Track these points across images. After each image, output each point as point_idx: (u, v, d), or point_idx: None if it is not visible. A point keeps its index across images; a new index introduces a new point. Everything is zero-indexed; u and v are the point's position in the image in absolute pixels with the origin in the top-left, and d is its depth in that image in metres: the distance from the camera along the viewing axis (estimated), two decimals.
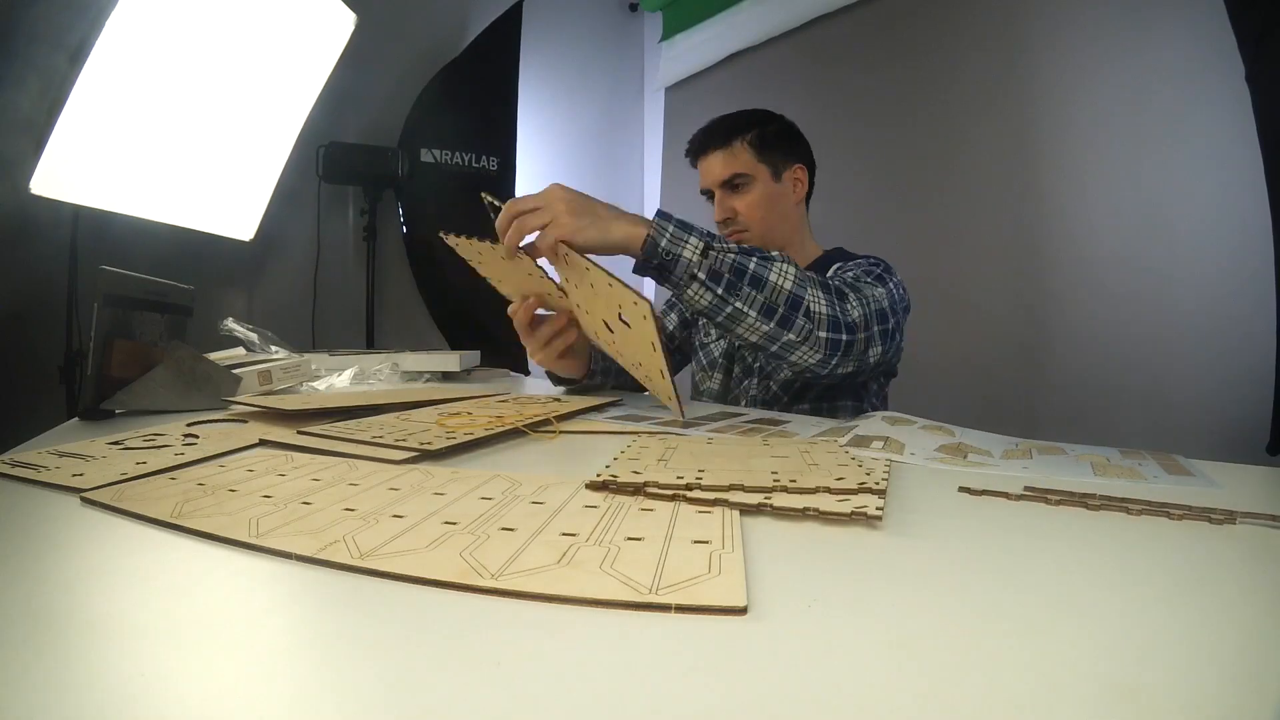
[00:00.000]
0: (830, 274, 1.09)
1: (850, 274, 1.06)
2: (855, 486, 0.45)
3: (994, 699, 0.23)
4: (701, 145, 1.27)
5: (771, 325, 0.83)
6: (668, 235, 0.81)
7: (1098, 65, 1.80)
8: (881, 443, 0.67)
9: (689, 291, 0.82)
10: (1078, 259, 1.86)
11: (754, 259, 0.82)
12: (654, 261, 0.81)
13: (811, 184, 1.30)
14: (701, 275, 0.81)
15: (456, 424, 0.70)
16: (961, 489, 0.49)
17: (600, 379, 1.16)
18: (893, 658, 0.25)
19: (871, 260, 1.13)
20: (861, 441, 0.68)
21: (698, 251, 0.81)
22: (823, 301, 0.85)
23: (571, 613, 0.29)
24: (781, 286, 0.83)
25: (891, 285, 1.00)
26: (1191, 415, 1.61)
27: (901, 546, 0.38)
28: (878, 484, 0.46)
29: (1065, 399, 1.85)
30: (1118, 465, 0.58)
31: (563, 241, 0.78)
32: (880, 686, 0.23)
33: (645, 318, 0.74)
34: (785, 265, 0.84)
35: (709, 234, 0.84)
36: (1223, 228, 1.59)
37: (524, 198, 0.82)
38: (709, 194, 1.30)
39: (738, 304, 0.82)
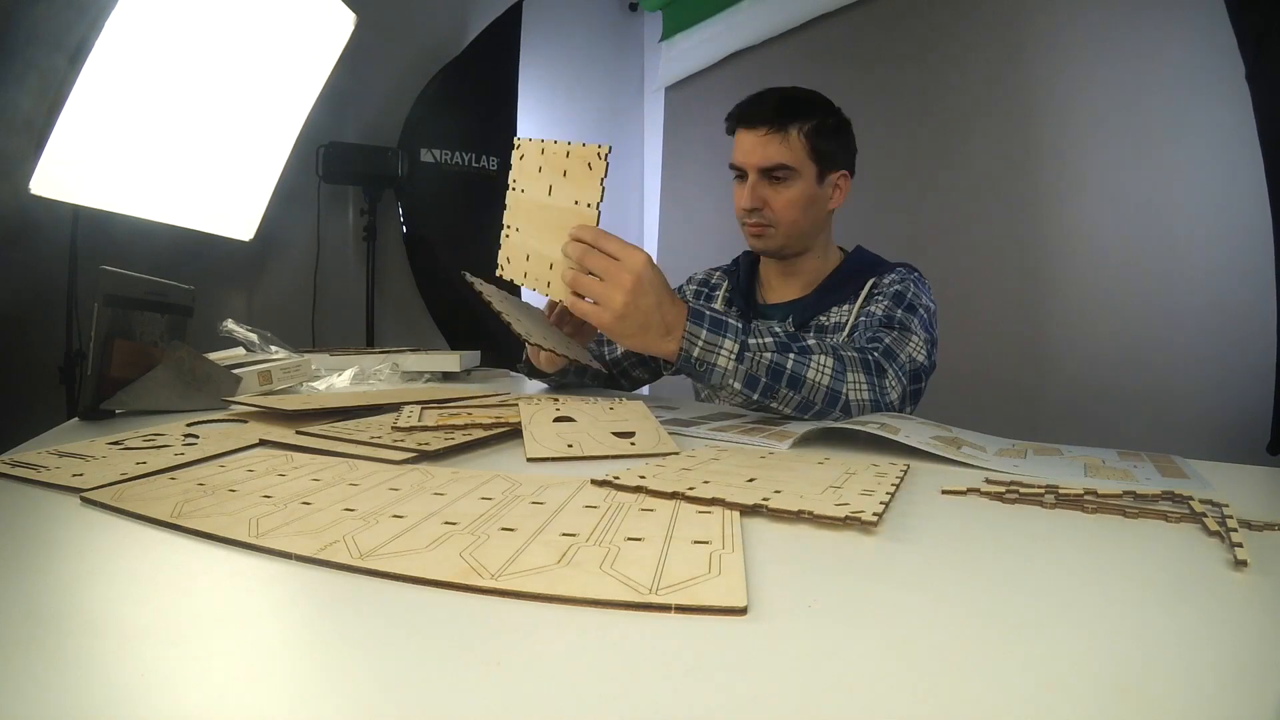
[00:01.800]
0: (864, 326, 1.04)
1: (882, 314, 1.03)
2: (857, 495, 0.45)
3: (993, 700, 0.23)
4: (752, 117, 1.12)
5: (808, 416, 0.84)
6: (699, 346, 0.79)
7: (1097, 65, 1.80)
8: (878, 426, 0.67)
9: (724, 393, 0.83)
10: (1078, 258, 1.86)
11: (791, 356, 0.81)
12: (689, 369, 0.81)
13: (850, 179, 1.19)
14: (737, 385, 0.80)
15: (439, 426, 0.70)
16: (945, 491, 0.49)
17: (574, 377, 1.21)
18: (893, 659, 0.25)
19: (905, 274, 1.10)
20: (858, 423, 0.68)
21: (732, 358, 0.79)
22: (864, 387, 0.86)
23: (572, 613, 0.29)
24: (819, 384, 0.82)
25: (923, 312, 1.04)
26: (1192, 415, 1.61)
27: (901, 548, 0.38)
28: (881, 500, 0.44)
29: (1065, 399, 1.85)
30: (1111, 467, 0.58)
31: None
32: (880, 687, 0.23)
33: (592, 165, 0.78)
34: (823, 358, 0.83)
35: (743, 329, 0.81)
36: (1223, 227, 1.59)
37: (610, 246, 0.76)
38: (739, 171, 1.14)
39: (774, 404, 0.82)
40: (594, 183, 0.78)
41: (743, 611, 0.28)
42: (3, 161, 1.50)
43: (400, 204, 2.65)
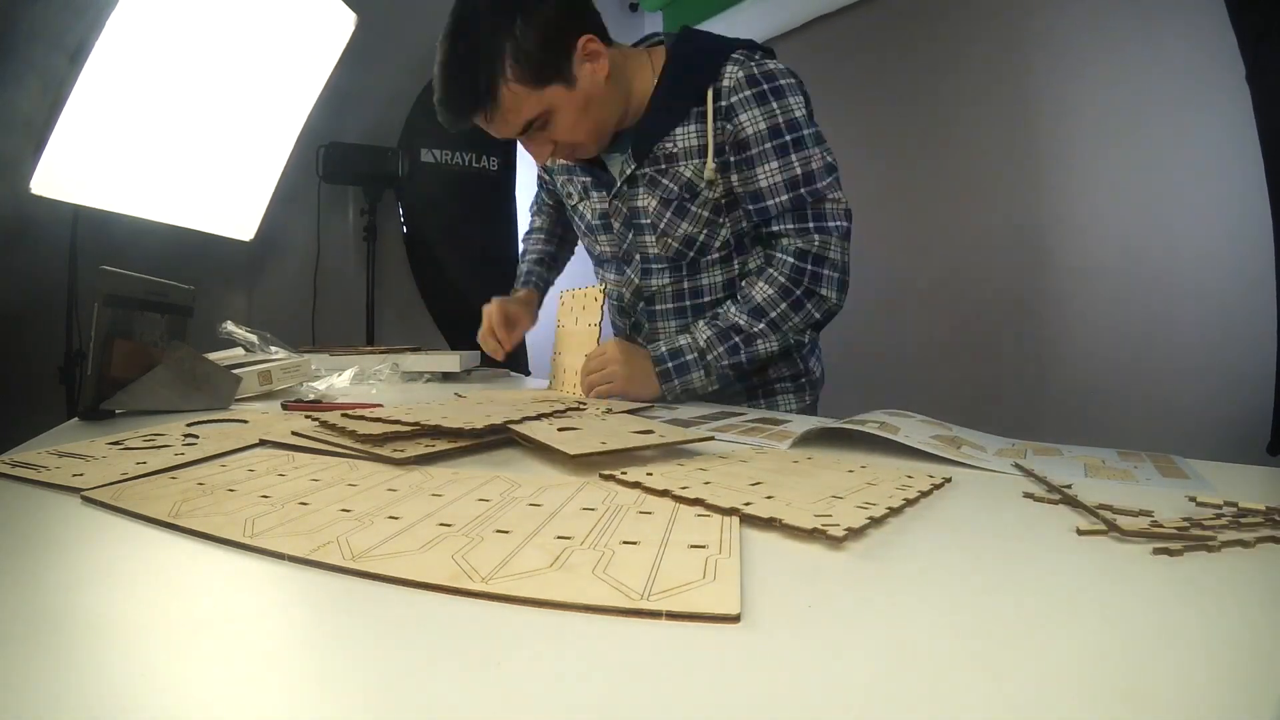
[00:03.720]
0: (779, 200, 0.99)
1: (785, 184, 0.97)
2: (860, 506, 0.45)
3: (990, 711, 0.23)
4: (460, 111, 0.94)
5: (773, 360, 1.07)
6: (677, 388, 1.00)
7: (1098, 65, 1.80)
8: (877, 425, 0.67)
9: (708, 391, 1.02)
10: (1078, 258, 1.86)
11: (743, 353, 0.99)
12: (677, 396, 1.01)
13: (603, 30, 0.99)
14: (714, 388, 1.02)
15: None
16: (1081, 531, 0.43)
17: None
18: (886, 670, 0.25)
19: (764, 82, 0.97)
20: (857, 422, 0.68)
21: (703, 378, 0.99)
22: (808, 318, 1.00)
23: (562, 617, 0.29)
24: (773, 351, 1.01)
25: (811, 131, 0.99)
26: (1192, 415, 1.61)
27: (900, 553, 0.38)
28: (872, 515, 0.42)
29: (1066, 399, 1.85)
30: (1111, 467, 0.58)
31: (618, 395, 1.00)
32: (875, 697, 0.23)
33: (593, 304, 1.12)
34: (768, 338, 0.99)
35: (702, 345, 0.99)
36: (1223, 227, 1.59)
37: (593, 363, 1.01)
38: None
39: (744, 373, 1.04)
40: (596, 309, 1.10)
41: (736, 619, 0.28)
42: (3, 161, 1.50)
43: (401, 204, 2.65)
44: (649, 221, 1.06)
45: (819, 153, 0.99)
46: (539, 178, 1.34)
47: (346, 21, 2.19)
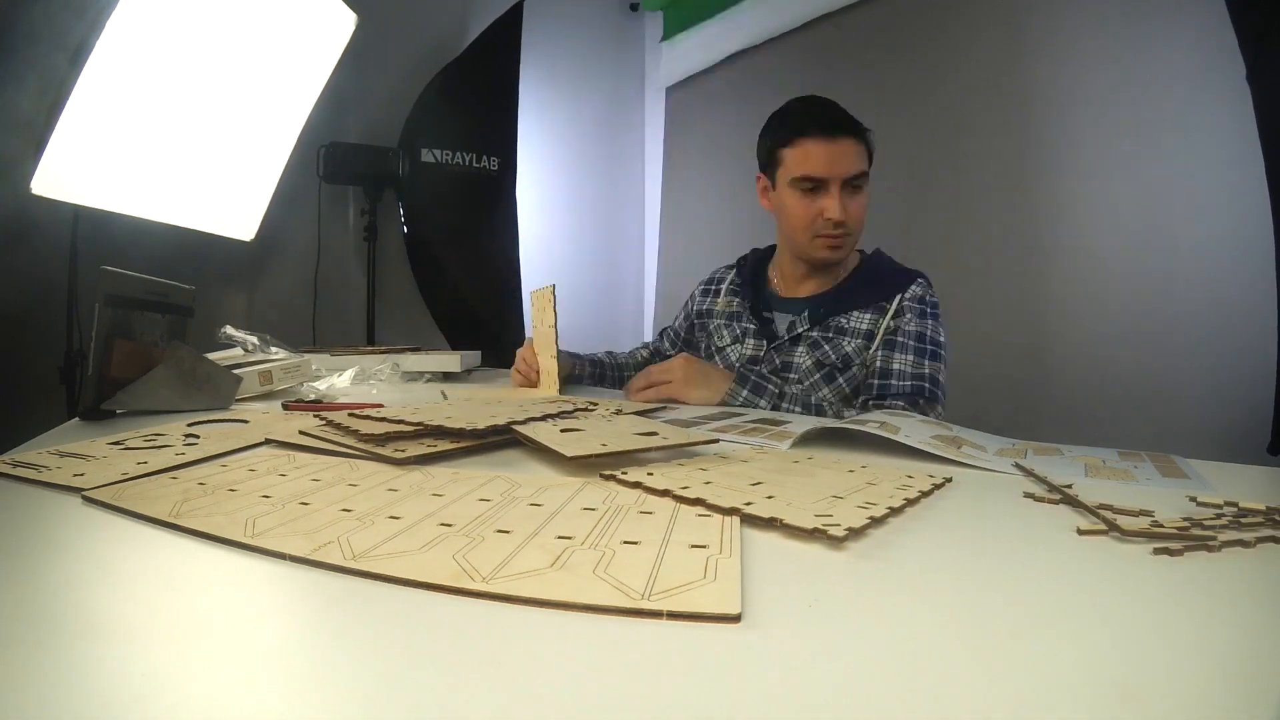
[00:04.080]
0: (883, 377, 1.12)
1: (910, 374, 1.10)
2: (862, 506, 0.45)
3: (990, 711, 0.23)
4: (833, 126, 1.14)
5: None
6: (740, 399, 1.04)
7: (1098, 65, 1.80)
8: (877, 425, 0.67)
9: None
10: (1078, 258, 1.85)
11: (812, 411, 1.02)
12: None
13: None
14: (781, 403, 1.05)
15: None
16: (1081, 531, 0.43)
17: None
18: (889, 668, 0.25)
19: (922, 298, 1.15)
20: (857, 422, 0.68)
21: (763, 407, 1.03)
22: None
23: (563, 617, 0.29)
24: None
25: (946, 355, 1.13)
26: (1192, 415, 1.61)
27: (901, 553, 0.38)
28: (873, 515, 0.42)
29: (1066, 399, 1.85)
30: (1112, 467, 0.58)
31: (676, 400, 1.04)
32: (875, 696, 0.23)
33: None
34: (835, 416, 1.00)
35: (779, 394, 1.04)
36: (1224, 226, 1.59)
37: (656, 374, 1.06)
38: (812, 182, 1.14)
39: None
40: (551, 310, 1.16)
41: (736, 619, 0.28)
42: (3, 162, 1.50)
43: (401, 204, 2.65)
44: (795, 377, 1.16)
45: (943, 369, 1.12)
46: (681, 320, 1.42)
47: (347, 22, 2.19)
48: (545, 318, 1.17)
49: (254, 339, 1.29)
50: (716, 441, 0.63)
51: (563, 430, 0.66)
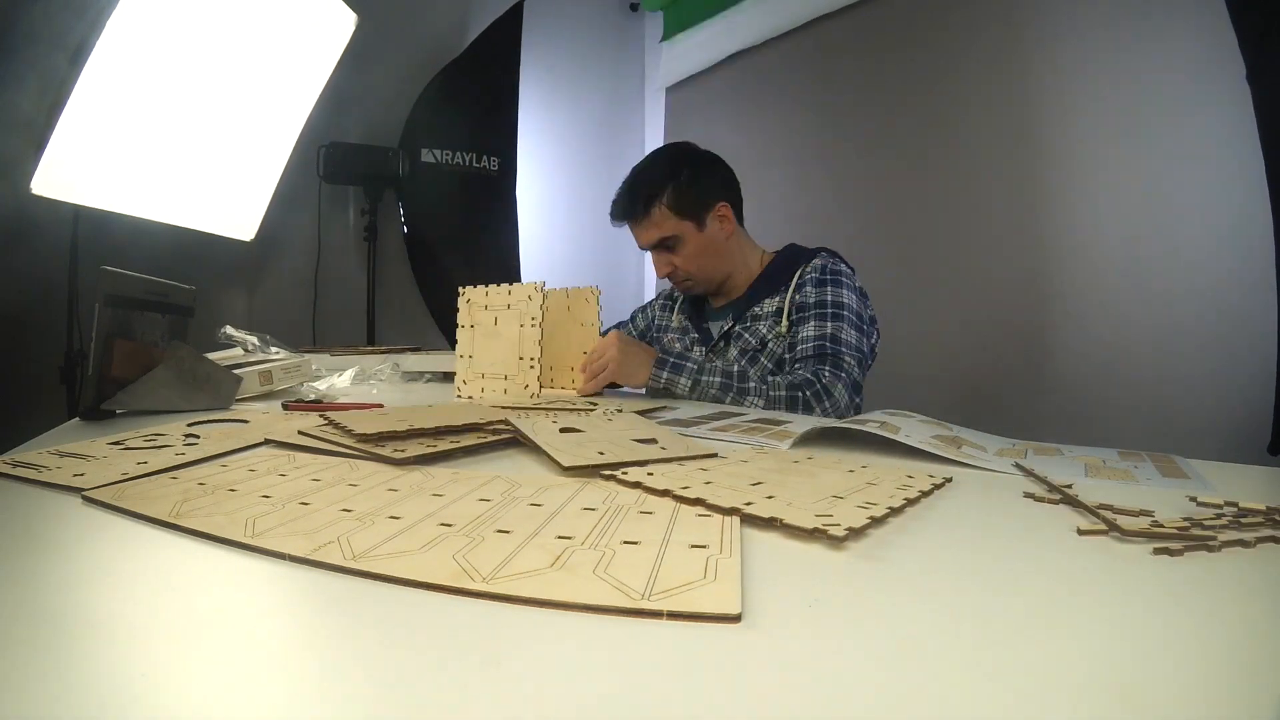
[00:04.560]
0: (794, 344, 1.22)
1: (813, 338, 1.19)
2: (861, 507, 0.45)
3: (990, 710, 0.23)
4: (623, 214, 1.32)
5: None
6: (662, 381, 1.14)
7: (1099, 65, 1.80)
8: (878, 425, 0.67)
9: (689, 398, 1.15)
10: (1078, 258, 1.85)
11: (731, 394, 1.12)
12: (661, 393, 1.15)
13: (739, 208, 1.35)
14: (690, 398, 1.14)
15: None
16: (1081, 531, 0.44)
17: None
18: (889, 667, 0.25)
19: (824, 268, 1.25)
20: (858, 422, 0.68)
21: (686, 390, 1.14)
22: (790, 408, 1.11)
23: (563, 617, 0.29)
24: (756, 405, 1.11)
25: (852, 315, 1.21)
26: (1192, 415, 1.61)
27: (901, 553, 0.38)
28: (873, 515, 0.41)
29: (1066, 399, 1.85)
30: (1112, 467, 0.58)
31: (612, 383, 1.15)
32: (875, 696, 0.23)
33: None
34: (755, 400, 1.11)
35: (698, 368, 1.13)
36: (1224, 226, 1.59)
37: (594, 355, 1.14)
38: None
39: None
40: (592, 309, 1.17)
41: (737, 619, 0.28)
42: (3, 162, 1.50)
43: (401, 204, 2.65)
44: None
45: (854, 333, 1.20)
46: (641, 320, 1.56)
47: (347, 22, 2.19)
48: (584, 316, 1.18)
49: (254, 339, 1.29)
50: (715, 455, 0.61)
51: (562, 430, 0.66)
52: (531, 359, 1.07)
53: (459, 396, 1.11)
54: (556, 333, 1.17)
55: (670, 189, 1.27)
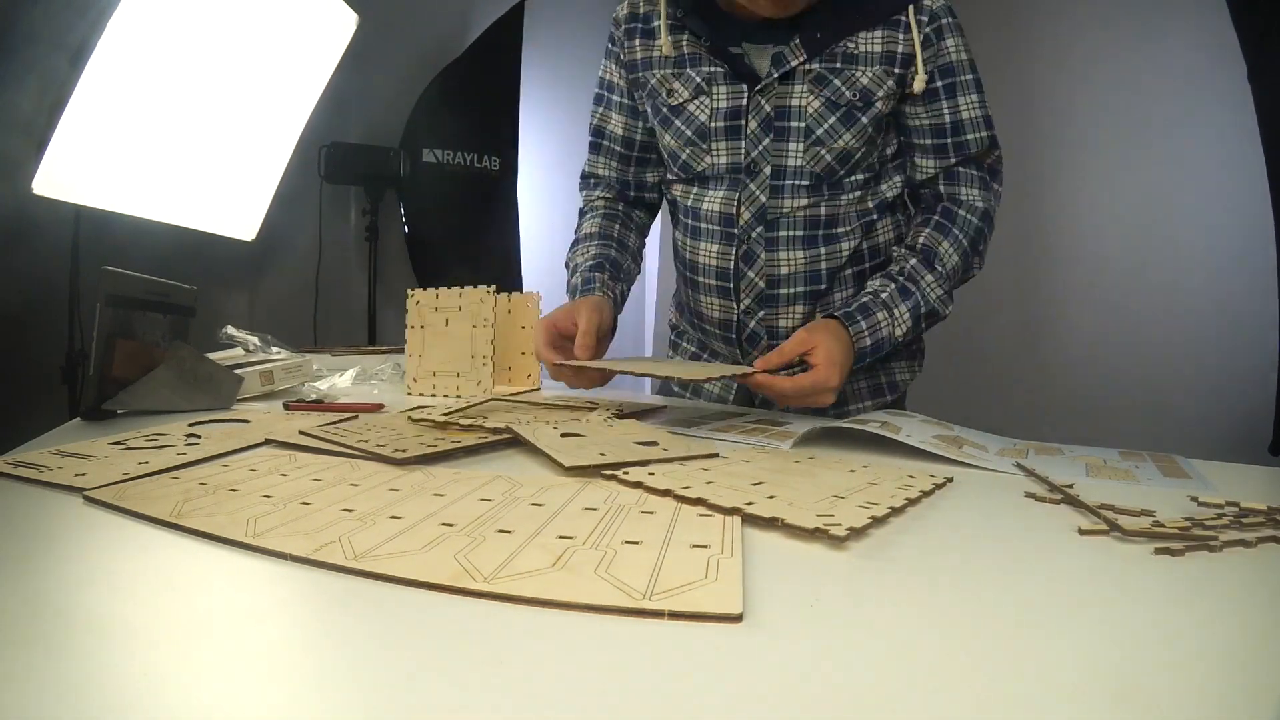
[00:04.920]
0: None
1: (980, 114, 0.94)
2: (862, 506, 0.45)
3: (991, 710, 0.23)
4: None
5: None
6: (869, 356, 0.86)
7: (1100, 65, 1.80)
8: (879, 425, 0.67)
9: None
10: (1079, 258, 1.85)
11: (922, 326, 0.91)
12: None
13: None
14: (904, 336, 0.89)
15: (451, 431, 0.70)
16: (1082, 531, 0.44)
17: None
18: (890, 667, 0.25)
19: (954, 12, 0.90)
20: (859, 422, 0.68)
21: (894, 345, 0.88)
22: (979, 254, 0.95)
23: (564, 617, 0.29)
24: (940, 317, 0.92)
25: (976, 84, 0.94)
26: (1193, 415, 1.61)
27: (902, 553, 0.38)
28: (874, 515, 0.41)
29: (1067, 399, 1.85)
30: (1113, 467, 0.58)
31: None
32: (876, 695, 0.23)
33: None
34: (944, 311, 0.91)
35: (902, 331, 0.87)
36: (1225, 226, 1.59)
37: (807, 384, 0.79)
38: None
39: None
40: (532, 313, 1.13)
41: (738, 619, 0.28)
42: (5, 162, 1.50)
43: (402, 204, 2.65)
44: (803, 125, 0.89)
45: (987, 129, 0.96)
46: (603, 97, 1.08)
47: (348, 22, 2.19)
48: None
49: (255, 339, 1.29)
50: (716, 455, 0.61)
51: (563, 435, 0.66)
52: (485, 357, 1.10)
53: (409, 394, 1.15)
54: (500, 334, 1.16)
55: None
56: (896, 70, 0.88)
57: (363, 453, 0.59)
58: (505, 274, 2.71)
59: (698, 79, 0.93)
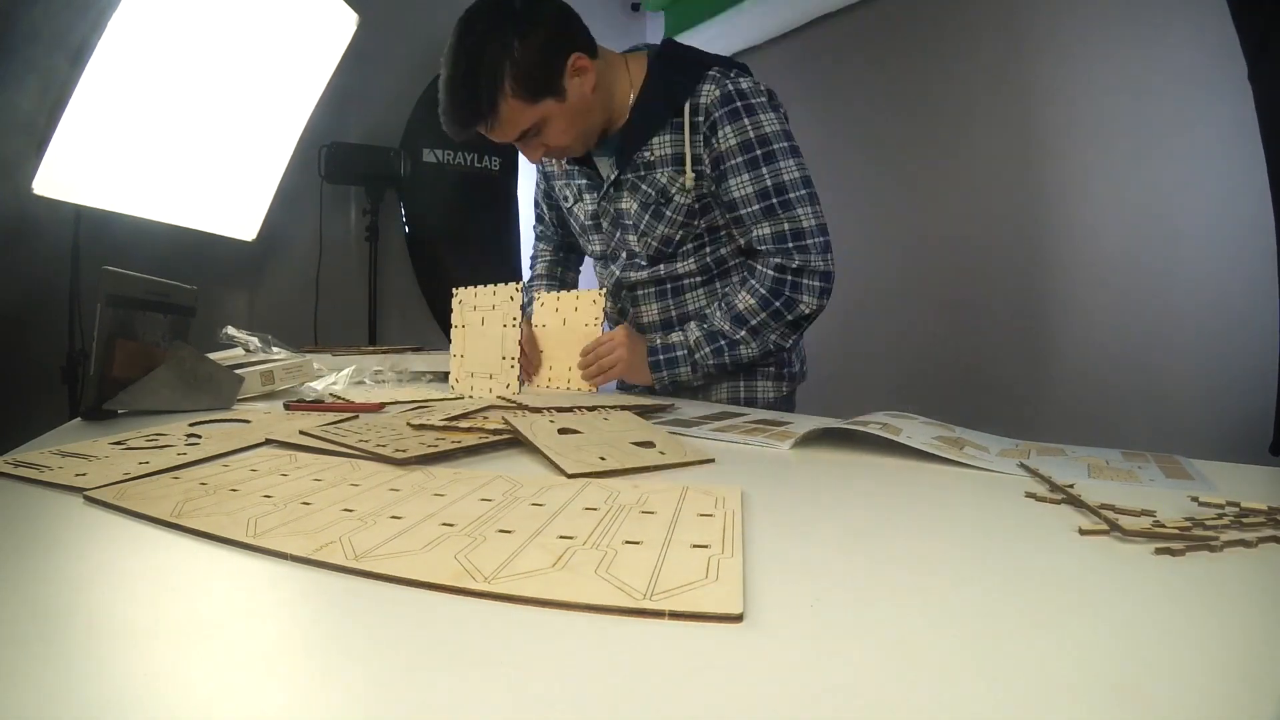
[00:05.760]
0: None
1: (756, 197, 1.05)
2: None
3: (992, 710, 0.23)
4: (463, 125, 1.03)
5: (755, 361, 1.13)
6: (665, 379, 1.11)
7: (1100, 64, 1.79)
8: (879, 426, 0.67)
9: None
10: (1080, 258, 1.86)
11: (726, 355, 1.08)
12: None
13: (589, 44, 1.06)
14: (699, 382, 1.13)
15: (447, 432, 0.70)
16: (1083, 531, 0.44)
17: None
18: (890, 667, 0.25)
19: (738, 99, 1.03)
20: (859, 423, 0.68)
21: (689, 374, 1.11)
22: (784, 328, 1.08)
23: (565, 617, 0.29)
24: (754, 354, 1.10)
25: (784, 142, 1.05)
26: (1194, 415, 1.61)
27: (903, 552, 0.38)
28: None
29: (1068, 399, 1.85)
30: (1115, 467, 0.58)
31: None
32: (877, 696, 0.23)
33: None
34: (750, 345, 1.08)
35: (691, 344, 1.09)
36: (1225, 226, 1.59)
37: (603, 347, 1.10)
38: None
39: (728, 372, 1.14)
40: (596, 310, 1.16)
41: (738, 619, 0.28)
42: (5, 162, 1.51)
43: (403, 204, 2.65)
44: (631, 223, 1.15)
45: (792, 164, 1.05)
46: (537, 187, 1.38)
47: (348, 22, 2.19)
48: (584, 318, 1.17)
49: (255, 339, 1.29)
50: (712, 461, 0.61)
51: (560, 430, 0.66)
52: (511, 358, 1.08)
53: (453, 394, 1.13)
54: (556, 334, 1.19)
55: (508, 73, 0.98)
56: (681, 167, 1.08)
57: (363, 453, 0.59)
58: (506, 274, 2.71)
59: (576, 188, 1.23)
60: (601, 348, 1.10)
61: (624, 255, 1.20)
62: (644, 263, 1.17)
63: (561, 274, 1.44)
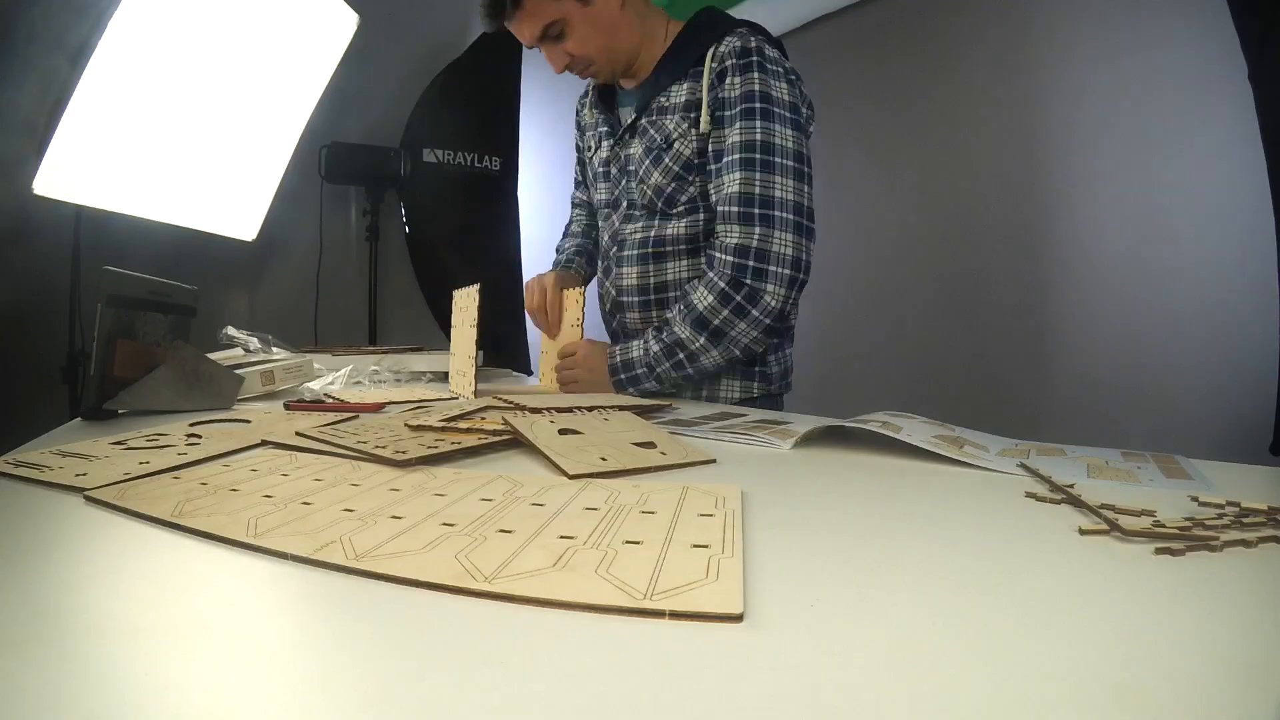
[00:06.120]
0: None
1: (739, 185, 1.01)
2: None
3: (992, 710, 0.23)
4: (492, 13, 1.07)
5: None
6: (631, 393, 1.07)
7: (1100, 65, 1.79)
8: (879, 424, 0.67)
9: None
10: (1080, 258, 1.85)
11: (688, 368, 1.05)
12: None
13: None
14: (671, 390, 1.10)
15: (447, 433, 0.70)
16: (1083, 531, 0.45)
17: None
18: (891, 667, 0.25)
19: (752, 54, 1.02)
20: (860, 421, 0.68)
21: (656, 386, 1.08)
22: (751, 328, 1.02)
23: (565, 617, 0.29)
24: (719, 362, 1.05)
25: (786, 137, 1.01)
26: (1194, 415, 1.61)
27: (902, 552, 0.38)
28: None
29: (1068, 398, 1.85)
30: (1115, 467, 0.58)
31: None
32: (877, 696, 0.23)
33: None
34: (711, 353, 1.03)
35: (650, 360, 1.05)
36: (1226, 226, 1.59)
37: (564, 362, 1.14)
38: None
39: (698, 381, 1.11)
40: (577, 309, 1.17)
41: (739, 618, 0.28)
42: (5, 162, 1.51)
43: (403, 204, 2.65)
44: (634, 169, 1.14)
45: (789, 133, 1.01)
46: (576, 148, 1.39)
47: (348, 22, 2.19)
48: (569, 317, 1.18)
49: (255, 339, 1.29)
50: (714, 462, 0.61)
51: (561, 430, 0.66)
52: (470, 357, 1.10)
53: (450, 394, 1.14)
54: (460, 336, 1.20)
55: None
56: (693, 115, 1.06)
57: (363, 454, 0.59)
58: (506, 274, 2.72)
59: (598, 134, 1.23)
60: (562, 362, 1.14)
61: (624, 204, 1.18)
62: (639, 214, 1.15)
63: (595, 236, 1.41)
